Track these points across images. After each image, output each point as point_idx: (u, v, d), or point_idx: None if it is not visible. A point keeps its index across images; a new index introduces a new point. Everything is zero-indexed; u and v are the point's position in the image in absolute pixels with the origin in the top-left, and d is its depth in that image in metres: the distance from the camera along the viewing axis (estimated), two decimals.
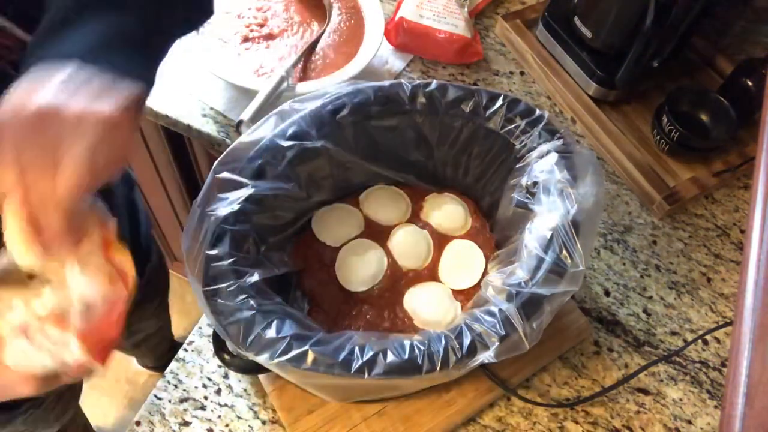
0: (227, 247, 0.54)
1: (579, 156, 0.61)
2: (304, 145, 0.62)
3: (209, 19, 0.61)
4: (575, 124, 0.94)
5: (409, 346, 0.52)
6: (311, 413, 0.65)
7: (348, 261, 0.68)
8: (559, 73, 0.95)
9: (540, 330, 0.54)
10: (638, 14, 0.82)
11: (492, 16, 1.05)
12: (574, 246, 0.55)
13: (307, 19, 0.94)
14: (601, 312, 0.78)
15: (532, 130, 0.64)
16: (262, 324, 0.50)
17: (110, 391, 1.55)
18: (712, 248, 0.85)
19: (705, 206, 0.89)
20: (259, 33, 0.91)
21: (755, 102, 0.88)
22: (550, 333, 0.63)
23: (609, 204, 0.87)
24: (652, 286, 0.81)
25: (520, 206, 0.63)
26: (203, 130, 0.86)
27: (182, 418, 0.67)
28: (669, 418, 0.71)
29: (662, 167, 0.89)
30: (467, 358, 0.51)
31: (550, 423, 0.70)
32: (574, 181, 0.59)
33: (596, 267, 0.82)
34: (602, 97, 0.93)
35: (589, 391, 0.72)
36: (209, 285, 0.52)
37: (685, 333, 0.78)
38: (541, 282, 0.54)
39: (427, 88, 0.65)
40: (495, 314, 0.53)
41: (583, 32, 0.91)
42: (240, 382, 0.69)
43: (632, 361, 0.75)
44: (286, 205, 0.65)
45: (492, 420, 0.69)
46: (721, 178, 0.88)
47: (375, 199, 0.73)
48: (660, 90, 0.94)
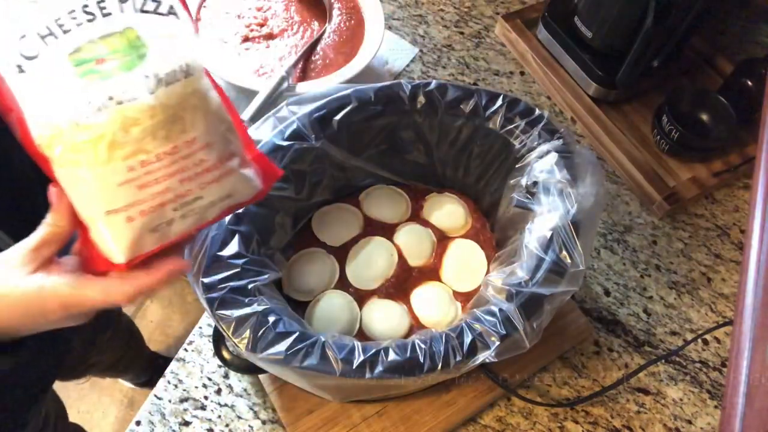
0: (228, 247, 0.54)
1: (579, 156, 0.61)
2: (303, 146, 0.62)
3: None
4: (575, 124, 0.94)
5: (410, 345, 0.52)
6: (311, 413, 0.65)
7: (356, 258, 0.68)
8: (559, 73, 0.95)
9: (540, 329, 0.54)
10: (638, 14, 0.82)
11: (492, 16, 1.05)
12: (574, 246, 0.55)
13: (307, 19, 0.94)
14: (601, 312, 0.78)
15: (531, 130, 0.64)
16: (264, 325, 0.50)
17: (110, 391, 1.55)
18: (712, 248, 0.85)
19: (705, 206, 0.89)
20: (259, 33, 0.91)
21: (755, 102, 0.88)
22: (550, 333, 0.64)
23: (609, 204, 0.87)
24: (652, 286, 0.81)
25: (520, 206, 0.63)
26: None
27: (182, 417, 0.67)
28: (669, 418, 0.71)
29: (662, 167, 0.89)
30: (468, 357, 0.51)
31: (550, 423, 0.70)
32: (574, 181, 0.59)
33: (596, 267, 0.82)
34: (602, 97, 0.93)
35: (589, 391, 0.72)
36: (211, 285, 0.52)
37: (685, 333, 0.78)
38: (541, 282, 0.54)
39: (427, 88, 0.65)
40: (495, 314, 0.53)
41: (583, 32, 0.91)
42: (240, 382, 0.69)
43: (632, 361, 0.75)
44: (286, 205, 0.65)
45: (492, 420, 0.69)
46: (721, 178, 0.88)
47: (375, 199, 0.73)
48: (660, 90, 0.94)
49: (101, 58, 0.37)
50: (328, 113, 0.63)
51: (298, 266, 0.67)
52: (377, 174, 0.72)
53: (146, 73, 0.38)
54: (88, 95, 0.37)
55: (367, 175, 0.72)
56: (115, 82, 0.37)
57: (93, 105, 0.37)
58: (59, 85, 0.37)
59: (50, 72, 0.37)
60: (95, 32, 0.38)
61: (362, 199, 0.73)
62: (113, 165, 0.38)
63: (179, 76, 0.39)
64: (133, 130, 0.37)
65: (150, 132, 0.38)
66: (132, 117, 0.37)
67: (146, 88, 0.38)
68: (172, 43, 0.39)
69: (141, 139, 0.38)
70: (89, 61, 0.37)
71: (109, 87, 0.37)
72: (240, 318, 0.51)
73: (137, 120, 0.37)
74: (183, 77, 0.39)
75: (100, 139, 0.37)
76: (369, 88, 0.65)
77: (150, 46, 0.38)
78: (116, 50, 0.38)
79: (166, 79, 0.38)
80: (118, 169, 0.38)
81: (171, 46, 0.39)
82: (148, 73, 0.38)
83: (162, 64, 0.39)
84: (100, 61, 0.37)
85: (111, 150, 0.37)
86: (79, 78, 0.37)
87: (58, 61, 0.37)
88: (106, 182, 0.38)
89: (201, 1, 0.92)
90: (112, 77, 0.37)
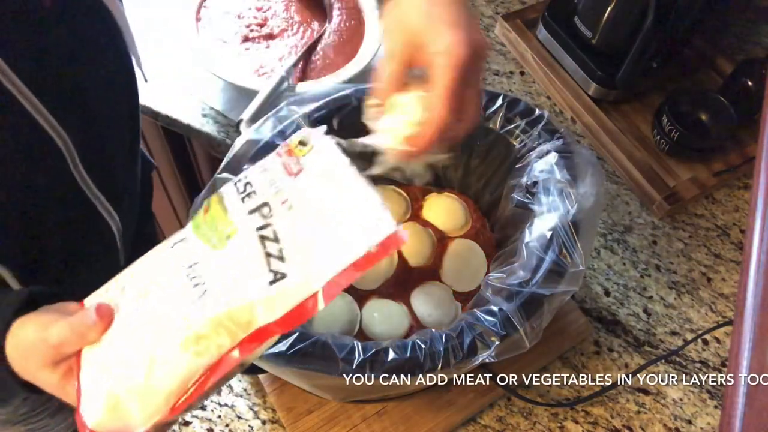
0: None
1: (579, 156, 0.61)
2: None
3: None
4: (575, 124, 0.94)
5: (410, 345, 0.52)
6: (311, 413, 0.65)
7: None
8: (559, 73, 0.95)
9: (540, 329, 0.54)
10: (638, 14, 0.82)
11: (492, 16, 1.05)
12: (574, 246, 0.55)
13: (307, 19, 0.93)
14: (601, 312, 0.78)
15: (531, 130, 0.64)
16: None
17: None
18: (712, 248, 0.85)
19: (705, 206, 0.89)
20: (259, 33, 0.91)
21: (755, 102, 0.88)
22: (550, 333, 0.64)
23: (609, 204, 0.87)
24: (652, 286, 0.81)
25: (520, 206, 0.63)
26: (203, 130, 0.86)
27: (182, 417, 0.67)
28: (669, 418, 0.71)
29: (662, 167, 0.89)
30: (468, 357, 0.51)
31: (550, 423, 0.70)
32: (574, 181, 0.59)
33: (596, 267, 0.82)
34: (602, 97, 0.93)
35: (589, 391, 0.72)
36: None
37: (685, 333, 0.78)
38: (541, 282, 0.54)
39: None
40: (495, 314, 0.53)
41: (583, 32, 0.91)
42: (240, 382, 0.69)
43: (632, 361, 0.75)
44: None
45: (492, 420, 0.69)
46: (721, 178, 0.88)
47: None
48: (660, 90, 0.94)
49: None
50: (328, 113, 0.63)
51: None
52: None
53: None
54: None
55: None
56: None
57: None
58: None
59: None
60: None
61: None
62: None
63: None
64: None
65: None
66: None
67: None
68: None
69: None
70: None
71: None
72: None
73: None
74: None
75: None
76: (369, 88, 0.65)
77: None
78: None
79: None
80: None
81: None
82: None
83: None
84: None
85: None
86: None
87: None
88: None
89: (201, 1, 0.92)
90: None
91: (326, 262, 0.37)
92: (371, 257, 0.37)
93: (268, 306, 0.38)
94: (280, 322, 0.37)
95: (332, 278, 0.37)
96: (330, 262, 0.37)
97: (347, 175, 0.41)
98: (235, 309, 0.38)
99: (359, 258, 0.37)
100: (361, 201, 0.40)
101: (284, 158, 0.44)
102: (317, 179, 0.42)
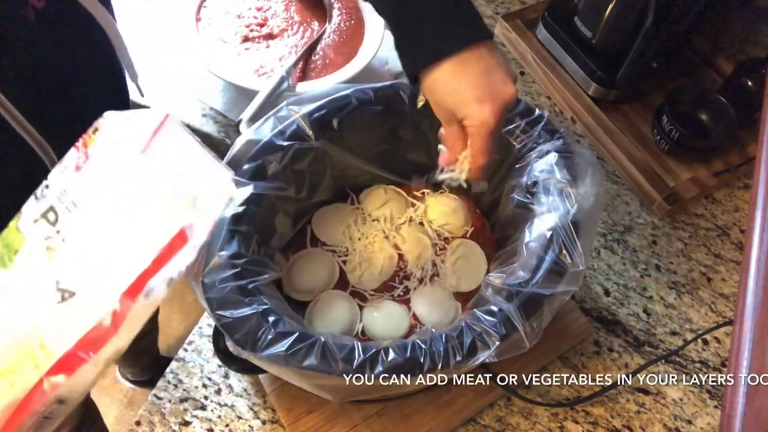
0: (229, 247, 0.54)
1: (579, 156, 0.61)
2: (303, 146, 0.62)
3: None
4: (575, 124, 0.94)
5: (410, 345, 0.52)
6: (311, 413, 0.65)
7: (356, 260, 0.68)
8: (559, 73, 0.95)
9: (540, 329, 0.54)
10: (638, 14, 0.82)
11: (492, 16, 1.05)
12: (574, 246, 0.55)
13: (307, 19, 0.93)
14: (601, 312, 0.78)
15: (531, 130, 0.64)
16: (264, 325, 0.50)
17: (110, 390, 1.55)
18: (712, 248, 0.85)
19: (705, 206, 0.89)
20: (259, 33, 0.91)
21: (755, 102, 0.88)
22: (550, 333, 0.64)
23: (609, 204, 0.87)
24: (652, 286, 0.81)
25: (520, 206, 0.63)
26: (203, 130, 0.86)
27: (182, 418, 0.67)
28: (669, 418, 0.71)
29: (662, 167, 0.89)
30: (468, 357, 0.51)
31: (550, 423, 0.70)
32: (574, 181, 0.59)
33: (596, 267, 0.82)
34: (602, 97, 0.93)
35: (589, 391, 0.72)
36: (211, 285, 0.52)
37: (685, 333, 0.78)
38: (541, 282, 0.54)
39: None
40: (495, 314, 0.53)
41: (583, 32, 0.91)
42: (240, 382, 0.69)
43: (632, 361, 0.75)
44: (286, 205, 0.65)
45: (492, 420, 0.69)
46: (721, 178, 0.88)
47: (375, 199, 0.73)
48: (660, 90, 0.94)
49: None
50: (328, 113, 0.63)
51: (298, 266, 0.67)
52: (377, 174, 0.72)
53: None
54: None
55: (367, 175, 0.72)
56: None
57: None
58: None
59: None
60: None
61: (362, 198, 0.73)
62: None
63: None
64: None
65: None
66: None
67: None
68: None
69: None
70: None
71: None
72: (240, 318, 0.51)
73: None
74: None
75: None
76: (369, 88, 0.65)
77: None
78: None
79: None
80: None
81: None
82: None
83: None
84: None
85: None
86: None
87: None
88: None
89: (201, 1, 0.92)
90: None
91: (120, 269, 0.31)
92: (167, 250, 0.31)
93: (58, 331, 0.32)
94: (80, 346, 0.32)
95: (129, 287, 0.31)
96: (124, 268, 0.31)
97: (134, 150, 0.32)
98: (21, 338, 0.32)
99: (159, 253, 0.31)
100: (156, 178, 0.32)
101: (79, 151, 0.36)
102: (102, 170, 0.34)
